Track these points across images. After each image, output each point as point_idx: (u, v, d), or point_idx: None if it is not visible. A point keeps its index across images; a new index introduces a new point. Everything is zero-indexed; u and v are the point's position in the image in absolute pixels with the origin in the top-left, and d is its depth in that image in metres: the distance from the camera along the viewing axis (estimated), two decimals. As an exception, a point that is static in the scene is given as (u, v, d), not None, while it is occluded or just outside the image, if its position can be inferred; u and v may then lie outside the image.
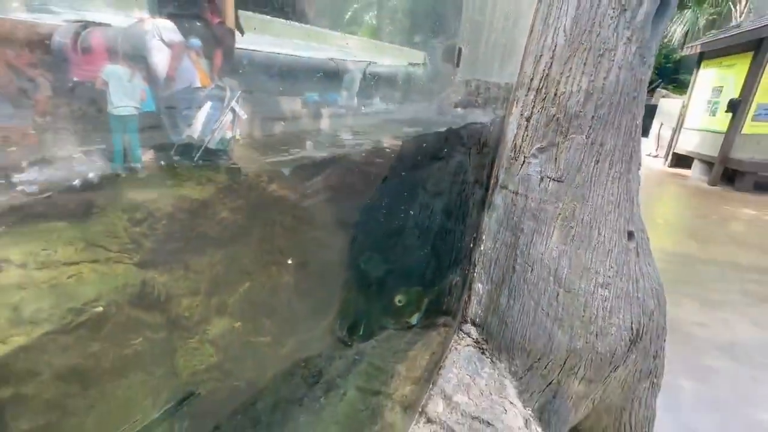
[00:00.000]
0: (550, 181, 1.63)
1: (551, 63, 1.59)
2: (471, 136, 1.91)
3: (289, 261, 1.64)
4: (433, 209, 1.90)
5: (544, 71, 1.62)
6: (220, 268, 1.48)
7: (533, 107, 1.67)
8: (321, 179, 1.79)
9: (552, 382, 1.66)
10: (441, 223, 1.89)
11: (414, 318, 1.86)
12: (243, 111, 1.80)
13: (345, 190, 1.81)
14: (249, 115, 1.55)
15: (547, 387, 1.67)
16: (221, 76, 1.52)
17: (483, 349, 1.78)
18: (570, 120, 1.57)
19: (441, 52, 1.85)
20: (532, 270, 1.65)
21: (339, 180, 1.84)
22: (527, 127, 1.69)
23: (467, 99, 1.93)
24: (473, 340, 1.81)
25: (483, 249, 1.84)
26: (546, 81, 1.62)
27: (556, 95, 1.59)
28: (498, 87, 1.93)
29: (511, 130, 1.76)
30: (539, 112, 1.65)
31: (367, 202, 1.89)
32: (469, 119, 2.01)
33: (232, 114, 1.76)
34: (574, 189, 1.59)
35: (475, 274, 1.85)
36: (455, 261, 1.89)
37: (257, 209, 1.70)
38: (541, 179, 1.65)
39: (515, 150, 1.74)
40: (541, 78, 1.63)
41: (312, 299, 1.77)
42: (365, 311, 1.86)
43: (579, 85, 1.54)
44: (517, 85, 1.75)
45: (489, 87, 1.91)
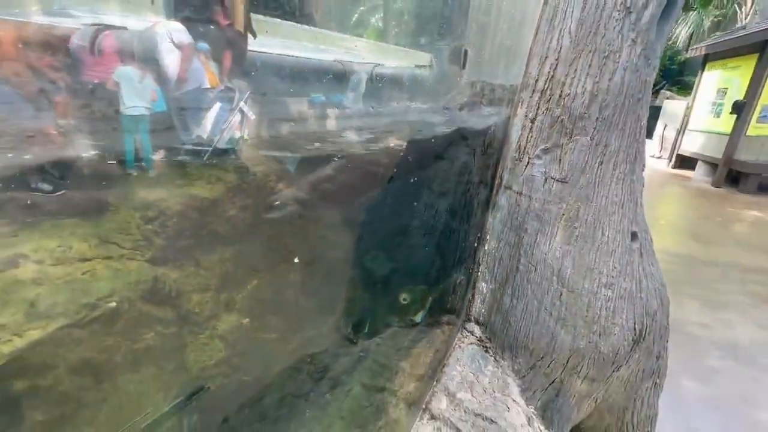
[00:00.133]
0: (554, 182, 1.65)
1: (556, 65, 1.61)
2: (476, 137, 1.93)
3: (296, 259, 1.67)
4: (438, 209, 1.92)
5: (549, 73, 1.64)
6: (229, 265, 1.50)
7: (538, 108, 1.69)
8: (328, 179, 1.82)
9: (555, 380, 1.68)
10: (446, 223, 1.91)
11: (418, 316, 1.88)
12: (251, 111, 1.82)
13: (351, 189, 1.83)
14: (260, 116, 1.58)
15: (550, 385, 1.69)
16: (233, 77, 1.55)
17: (486, 348, 1.80)
18: (574, 121, 1.59)
19: (447, 54, 1.87)
20: (535, 270, 1.67)
21: (345, 180, 1.86)
22: (532, 129, 1.71)
23: (472, 100, 1.95)
24: (477, 338, 1.83)
25: (487, 249, 1.86)
26: (551, 82, 1.63)
27: (560, 97, 1.61)
28: (503, 88, 1.94)
29: (516, 131, 1.78)
30: (544, 113, 1.67)
31: (373, 201, 1.91)
32: (474, 121, 2.03)
33: (240, 114, 1.79)
34: (578, 190, 1.61)
35: (479, 273, 1.87)
36: (459, 260, 1.91)
37: (265, 208, 1.72)
38: (545, 180, 1.67)
39: (519, 151, 1.75)
40: (546, 79, 1.65)
41: (318, 297, 1.79)
42: (370, 309, 1.88)
43: (584, 87, 1.55)
44: (522, 87, 1.77)
45: (494, 89, 1.93)
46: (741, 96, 9.14)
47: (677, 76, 18.07)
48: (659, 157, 13.01)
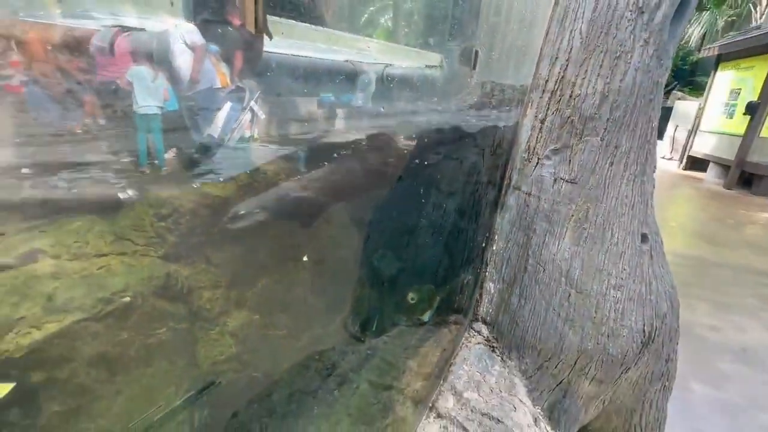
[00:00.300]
0: (563, 183, 1.64)
1: (567, 65, 1.60)
2: (485, 137, 1.93)
3: (305, 257, 1.69)
4: (446, 209, 1.93)
5: (559, 73, 1.63)
6: (239, 262, 1.52)
7: (548, 109, 1.68)
8: (337, 178, 1.83)
9: (562, 381, 1.68)
10: (454, 223, 1.91)
11: (426, 315, 1.89)
12: (261, 111, 1.85)
13: (360, 188, 1.85)
14: (272, 115, 1.60)
15: (557, 386, 1.69)
16: (248, 77, 1.57)
17: (493, 347, 1.80)
18: (585, 122, 1.58)
19: (458, 54, 1.87)
20: (543, 270, 1.67)
21: (354, 179, 1.87)
22: (541, 129, 1.71)
23: (482, 101, 1.95)
24: (484, 338, 1.84)
25: (495, 249, 1.86)
26: (561, 83, 1.63)
27: (571, 97, 1.60)
28: (513, 89, 1.94)
29: (525, 131, 1.78)
30: (554, 114, 1.66)
31: (381, 200, 1.93)
32: (483, 122, 2.03)
33: (251, 114, 1.81)
34: (587, 190, 1.60)
35: (487, 273, 1.87)
36: (467, 260, 1.91)
37: (275, 206, 1.74)
38: (555, 180, 1.66)
39: (529, 151, 1.75)
40: (557, 80, 1.64)
41: (326, 294, 1.81)
42: (378, 308, 1.89)
43: (594, 88, 1.55)
44: (532, 87, 1.77)
45: (504, 89, 1.93)
46: (755, 97, 8.99)
47: (689, 76, 17.82)
48: (670, 159, 12.85)
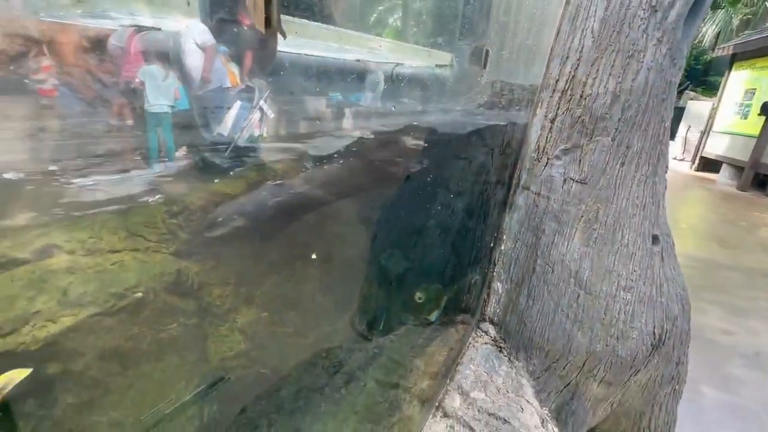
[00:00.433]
0: (573, 183, 1.63)
1: (578, 64, 1.59)
2: (493, 136, 1.92)
3: (314, 255, 1.70)
4: (455, 208, 1.92)
5: (570, 73, 1.62)
6: (249, 260, 1.54)
7: (558, 109, 1.67)
8: (345, 176, 1.84)
9: (570, 383, 1.67)
10: (462, 222, 1.91)
11: (433, 315, 1.89)
12: (270, 110, 1.86)
13: (369, 187, 1.85)
14: (283, 114, 1.61)
15: (565, 388, 1.67)
16: (261, 76, 1.58)
17: (501, 348, 1.80)
18: (596, 122, 1.56)
19: (468, 53, 1.86)
20: (552, 271, 1.66)
21: (362, 178, 1.88)
22: (551, 129, 1.69)
23: (493, 100, 1.94)
24: (491, 338, 1.83)
25: (503, 249, 1.85)
26: (572, 83, 1.62)
27: (582, 97, 1.59)
28: (522, 89, 1.93)
29: (535, 131, 1.77)
30: (564, 113, 1.65)
31: (389, 200, 1.93)
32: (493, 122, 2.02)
33: (260, 113, 1.83)
34: (597, 191, 1.59)
35: (495, 273, 1.87)
36: (475, 260, 1.91)
37: (283, 205, 1.75)
38: (564, 181, 1.65)
39: (538, 151, 1.74)
40: (567, 80, 1.63)
41: (334, 293, 1.82)
42: (385, 307, 1.90)
43: (606, 87, 1.53)
44: (542, 87, 1.75)
45: (513, 89, 1.92)
46: (770, 97, 8.81)
47: (702, 76, 17.51)
48: (681, 160, 12.65)
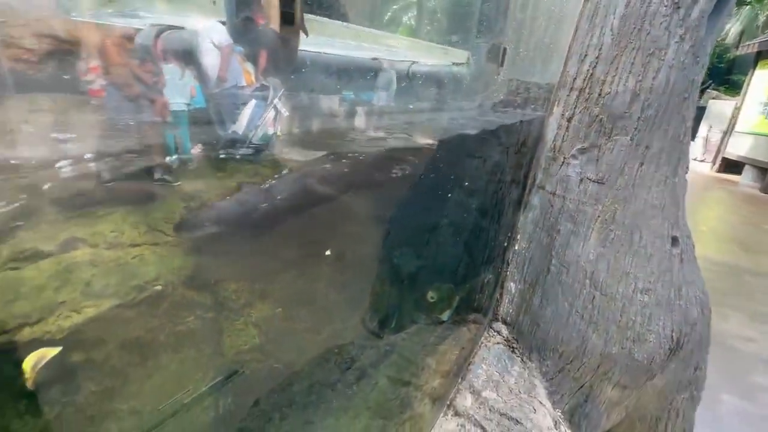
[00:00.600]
0: (590, 183, 1.60)
1: (596, 62, 1.57)
2: (509, 135, 1.90)
3: (327, 252, 1.71)
4: (468, 207, 1.91)
5: (588, 71, 1.59)
6: (264, 256, 1.56)
7: (575, 107, 1.65)
8: (358, 174, 1.85)
9: (584, 385, 1.64)
10: (475, 222, 1.90)
11: (445, 314, 1.88)
12: (285, 109, 1.88)
13: (382, 185, 1.86)
14: (299, 111, 1.63)
15: (579, 390, 1.65)
16: (285, 73, 1.60)
17: (513, 348, 1.78)
18: (614, 121, 1.54)
19: (485, 51, 1.85)
20: (567, 272, 1.64)
21: (375, 176, 1.88)
22: (568, 128, 1.67)
23: (509, 98, 1.92)
24: (503, 338, 1.82)
25: (517, 249, 1.83)
26: (590, 81, 1.59)
27: (600, 95, 1.56)
28: (538, 87, 1.91)
29: (551, 130, 1.75)
30: (581, 112, 1.63)
31: (403, 198, 1.93)
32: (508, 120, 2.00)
33: (274, 111, 1.85)
34: (615, 191, 1.56)
35: (508, 273, 1.85)
36: (488, 259, 1.90)
37: (298, 202, 1.77)
38: (581, 180, 1.63)
39: (554, 150, 1.72)
40: (585, 78, 1.60)
41: (347, 290, 1.83)
42: (397, 305, 1.90)
43: (625, 86, 1.50)
44: (559, 85, 1.73)
45: (529, 87, 1.90)
46: (797, 96, 8.51)
47: (725, 74, 16.97)
48: (702, 161, 12.31)
